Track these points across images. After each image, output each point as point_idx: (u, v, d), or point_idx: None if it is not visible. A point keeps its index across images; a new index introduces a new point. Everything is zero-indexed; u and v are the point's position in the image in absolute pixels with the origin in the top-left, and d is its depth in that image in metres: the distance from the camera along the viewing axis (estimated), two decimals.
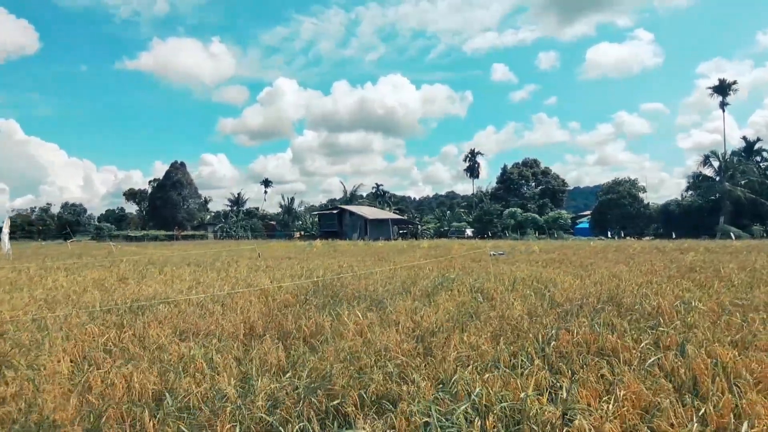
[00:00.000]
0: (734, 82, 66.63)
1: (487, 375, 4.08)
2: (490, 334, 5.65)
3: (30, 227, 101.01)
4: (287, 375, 4.24)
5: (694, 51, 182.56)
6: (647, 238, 58.65)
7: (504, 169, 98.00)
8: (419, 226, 78.65)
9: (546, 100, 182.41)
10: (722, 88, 67.19)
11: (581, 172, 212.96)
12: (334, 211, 72.84)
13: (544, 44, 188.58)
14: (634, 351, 4.90)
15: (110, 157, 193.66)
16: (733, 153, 60.68)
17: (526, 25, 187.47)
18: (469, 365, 4.39)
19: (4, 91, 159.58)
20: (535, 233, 64.41)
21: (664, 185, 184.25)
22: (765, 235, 50.96)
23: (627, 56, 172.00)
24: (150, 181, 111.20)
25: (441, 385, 4.01)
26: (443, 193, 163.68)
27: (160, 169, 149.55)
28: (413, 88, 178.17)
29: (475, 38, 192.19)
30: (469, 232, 74.72)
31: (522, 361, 4.65)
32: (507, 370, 4.25)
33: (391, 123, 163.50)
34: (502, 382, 3.93)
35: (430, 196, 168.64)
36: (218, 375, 4.24)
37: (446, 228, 76.94)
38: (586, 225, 75.78)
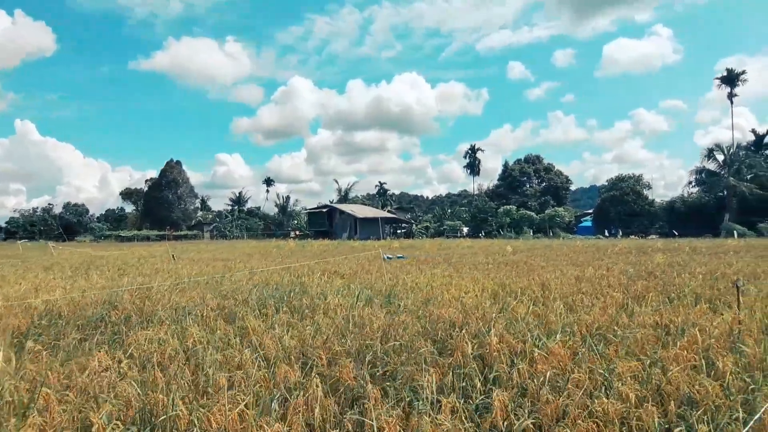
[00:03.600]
0: (743, 72, 62.89)
1: None
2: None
3: (32, 227, 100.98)
4: None
5: (714, 47, 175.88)
6: (652, 236, 55.38)
7: (506, 165, 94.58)
8: (414, 225, 76.03)
9: (563, 98, 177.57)
10: (730, 79, 63.46)
11: (599, 170, 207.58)
12: (324, 210, 70.54)
13: (561, 41, 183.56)
14: None
15: (125, 158, 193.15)
16: (741, 147, 56.81)
17: (542, 22, 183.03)
18: None
19: (21, 92, 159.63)
20: (530, 232, 61.47)
21: (683, 183, 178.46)
22: None
23: (646, 52, 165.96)
24: (146, 180, 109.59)
25: None
26: (456, 192, 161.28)
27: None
28: (428, 86, 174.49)
29: (491, 36, 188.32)
30: (466, 230, 72.02)
31: None
32: None
33: (406, 121, 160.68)
34: None
35: (443, 195, 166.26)
36: None
37: (443, 227, 74.20)
38: (590, 223, 72.41)
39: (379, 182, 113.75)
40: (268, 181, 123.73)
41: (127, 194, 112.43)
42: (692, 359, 4.04)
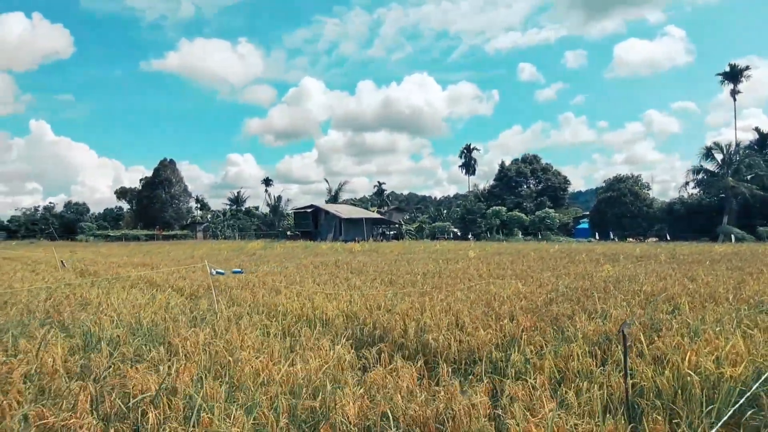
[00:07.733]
0: (746, 68, 59.83)
1: None
2: None
3: (33, 226, 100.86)
4: None
5: (726, 48, 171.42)
6: (652, 239, 52.63)
7: (502, 165, 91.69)
8: (403, 227, 73.76)
9: (573, 99, 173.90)
10: (733, 75, 60.46)
11: (610, 172, 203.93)
12: (309, 210, 68.47)
13: (571, 42, 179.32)
14: None
15: (138, 158, 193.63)
16: (741, 146, 53.42)
17: (551, 23, 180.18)
18: None
19: (38, 93, 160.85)
20: (520, 233, 58.95)
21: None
22: None
23: (657, 53, 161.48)
24: (140, 179, 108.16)
25: None
26: (464, 192, 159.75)
27: (185, 169, 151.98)
28: (439, 87, 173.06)
29: (498, 38, 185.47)
30: (455, 231, 69.73)
31: None
32: None
33: (416, 123, 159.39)
34: None
35: (451, 195, 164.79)
36: None
37: (434, 228, 71.84)
38: (587, 225, 69.59)
39: (378, 182, 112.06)
40: (267, 181, 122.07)
41: (122, 193, 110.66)
42: None
